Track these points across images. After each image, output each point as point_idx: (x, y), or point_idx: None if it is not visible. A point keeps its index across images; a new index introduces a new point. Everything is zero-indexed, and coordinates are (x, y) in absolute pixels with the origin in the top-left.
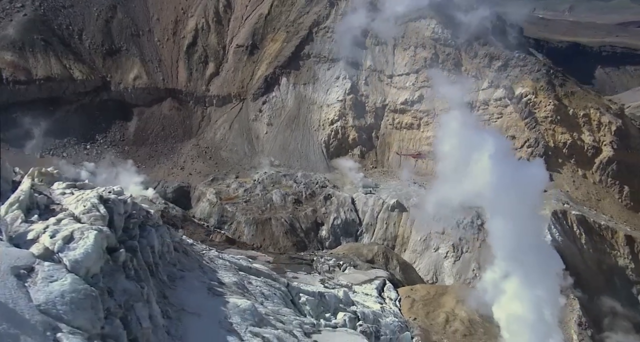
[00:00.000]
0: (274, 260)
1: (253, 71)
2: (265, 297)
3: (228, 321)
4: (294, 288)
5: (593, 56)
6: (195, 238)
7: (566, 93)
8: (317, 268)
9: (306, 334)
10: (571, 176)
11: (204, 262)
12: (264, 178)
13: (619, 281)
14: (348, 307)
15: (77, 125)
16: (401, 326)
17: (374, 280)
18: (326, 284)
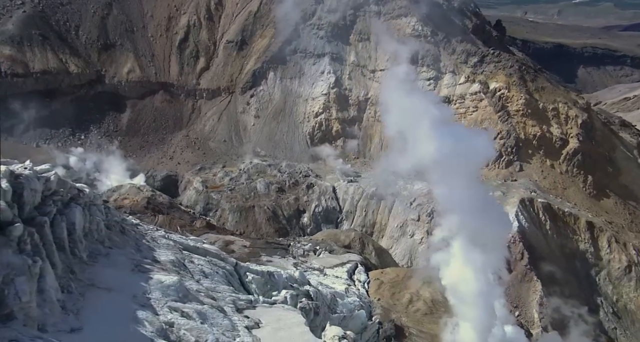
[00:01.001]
0: (250, 244)
1: (242, 66)
2: (205, 275)
3: (145, 296)
4: (242, 267)
5: (576, 56)
6: (179, 224)
7: (537, 88)
8: (293, 253)
9: (238, 309)
10: (540, 166)
11: (144, 241)
12: (249, 168)
13: (579, 264)
14: (301, 286)
15: (72, 116)
16: (362, 305)
17: (346, 264)
18: (299, 267)
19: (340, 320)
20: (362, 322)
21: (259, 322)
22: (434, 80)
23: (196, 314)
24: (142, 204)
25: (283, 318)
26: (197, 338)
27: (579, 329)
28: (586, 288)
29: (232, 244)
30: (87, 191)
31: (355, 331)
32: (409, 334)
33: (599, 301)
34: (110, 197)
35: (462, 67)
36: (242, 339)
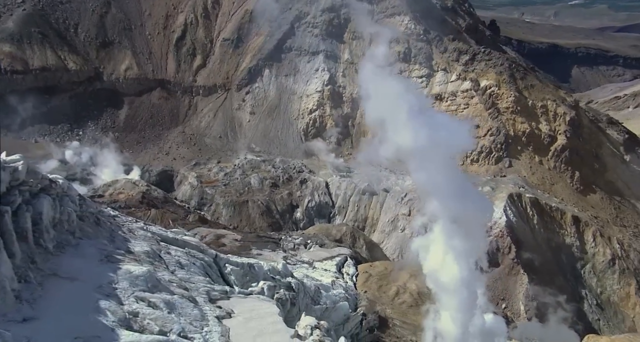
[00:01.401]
0: (242, 238)
1: (238, 63)
2: (182, 266)
3: (112, 286)
4: (222, 259)
5: (570, 57)
6: (171, 218)
7: (526, 86)
8: (283, 246)
9: (212, 300)
10: (529, 162)
11: (120, 232)
12: (244, 163)
13: (565, 257)
14: (284, 278)
15: (70, 112)
16: (347, 297)
17: (335, 257)
18: (288, 260)
19: (323, 311)
20: (345, 313)
21: (232, 312)
22: (426, 77)
23: (164, 304)
24: (137, 199)
25: (256, 308)
26: (162, 327)
27: (557, 316)
28: (572, 281)
29: (223, 238)
30: (60, 182)
31: (337, 322)
32: (393, 325)
33: (584, 293)
34: (105, 191)
35: (453, 65)
36: (211, 328)
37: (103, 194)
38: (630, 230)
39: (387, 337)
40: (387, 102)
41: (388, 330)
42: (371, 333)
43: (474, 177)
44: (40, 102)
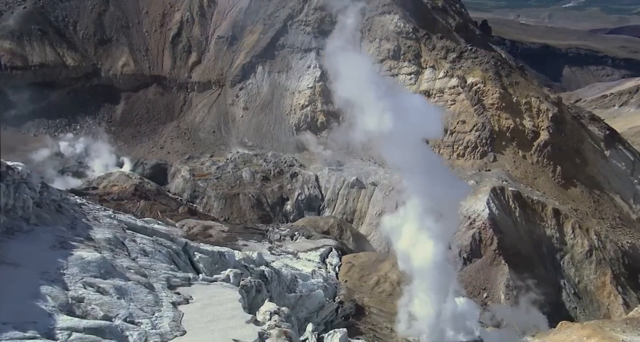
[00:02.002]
0: (229, 229)
1: (232, 60)
2: (146, 254)
3: (59, 272)
4: (192, 247)
5: (561, 57)
6: (160, 209)
7: (511, 83)
8: (270, 237)
9: (171, 286)
10: (512, 157)
11: (84, 220)
12: (236, 157)
13: (545, 248)
14: (258, 267)
15: (68, 107)
16: (325, 286)
17: (320, 248)
18: (273, 251)
19: (297, 299)
20: (320, 301)
21: (190, 298)
22: (414, 75)
23: (114, 290)
24: (130, 191)
25: (217, 295)
26: (107, 313)
27: (528, 298)
28: (551, 271)
29: (211, 229)
30: (19, 169)
31: (311, 309)
32: (369, 313)
33: (562, 283)
34: (100, 184)
35: (441, 62)
36: (163, 313)
37: (97, 187)
38: (608, 222)
39: (363, 325)
40: (354, 82)
41: (364, 318)
42: (346, 320)
43: (460, 171)
44: (39, 97)
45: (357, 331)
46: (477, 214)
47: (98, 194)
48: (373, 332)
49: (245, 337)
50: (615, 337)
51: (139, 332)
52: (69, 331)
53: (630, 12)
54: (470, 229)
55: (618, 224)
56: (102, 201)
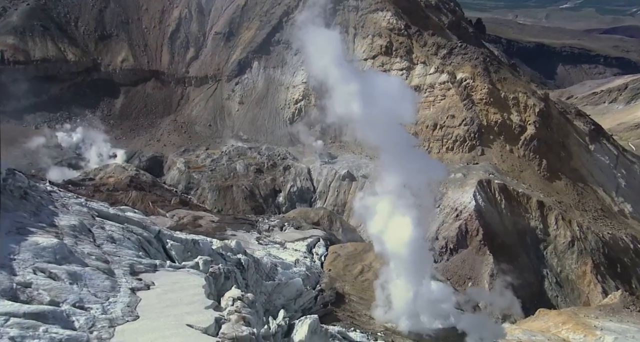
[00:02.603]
0: (219, 220)
1: (228, 56)
2: (113, 241)
3: (9, 257)
4: (165, 235)
5: (555, 55)
6: (151, 199)
7: (499, 78)
8: (259, 228)
9: (134, 272)
10: (500, 151)
11: (50, 207)
12: (230, 150)
13: (529, 239)
14: (235, 255)
15: (69, 101)
16: (308, 275)
17: (307, 238)
18: (261, 241)
19: (275, 286)
20: (298, 289)
21: (152, 284)
22: (406, 70)
23: (67, 275)
24: (125, 182)
25: (181, 281)
26: (55, 298)
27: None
28: (534, 260)
29: (201, 219)
30: None
31: (289, 296)
32: (349, 300)
33: (545, 272)
34: (96, 175)
35: (432, 58)
36: (118, 299)
37: (94, 178)
38: (590, 214)
39: (342, 312)
40: (322, 58)
41: (343, 305)
42: (325, 308)
43: (449, 164)
44: (41, 91)
45: (335, 318)
46: (464, 206)
47: (94, 185)
48: (351, 319)
49: (200, 322)
50: (588, 323)
51: (86, 317)
52: (7, 316)
53: (624, 13)
54: (456, 220)
55: (600, 215)
56: (96, 191)
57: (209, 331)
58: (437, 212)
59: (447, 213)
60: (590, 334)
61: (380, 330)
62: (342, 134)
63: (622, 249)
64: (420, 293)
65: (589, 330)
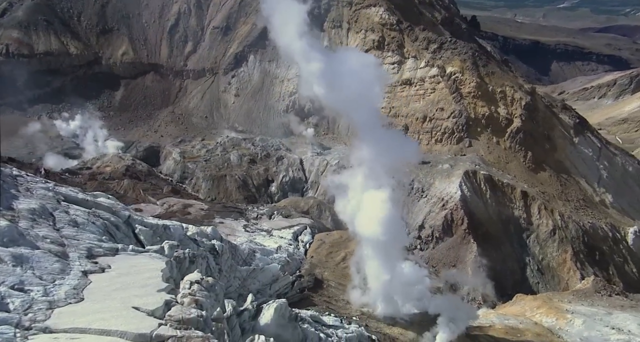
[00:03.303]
0: (208, 208)
1: (225, 49)
2: (76, 225)
3: None
4: (135, 220)
5: (549, 52)
6: (142, 188)
7: (487, 73)
8: (247, 216)
9: (91, 256)
10: (487, 143)
11: (12, 191)
12: (225, 141)
13: (513, 228)
14: (208, 240)
15: (71, 93)
16: (288, 261)
17: (294, 226)
18: (248, 228)
19: (250, 272)
20: (274, 274)
21: (108, 267)
22: (397, 64)
23: (11, 258)
24: (121, 171)
25: (140, 265)
26: None
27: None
28: (517, 249)
29: (190, 207)
30: None
31: (264, 281)
32: (328, 286)
33: (527, 260)
34: (94, 164)
35: (423, 52)
36: (65, 282)
37: (91, 167)
38: (572, 204)
39: (318, 297)
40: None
41: (321, 290)
42: (302, 293)
43: (437, 156)
44: (44, 84)
45: (311, 303)
46: (450, 196)
47: (91, 173)
48: (327, 304)
49: (148, 304)
50: (560, 307)
51: (23, 299)
52: None
53: (618, 13)
54: (443, 210)
55: (582, 205)
56: (91, 180)
57: (155, 313)
58: (425, 202)
59: (434, 203)
60: (562, 317)
61: (356, 314)
62: (336, 125)
63: (601, 238)
64: (395, 274)
65: (561, 314)
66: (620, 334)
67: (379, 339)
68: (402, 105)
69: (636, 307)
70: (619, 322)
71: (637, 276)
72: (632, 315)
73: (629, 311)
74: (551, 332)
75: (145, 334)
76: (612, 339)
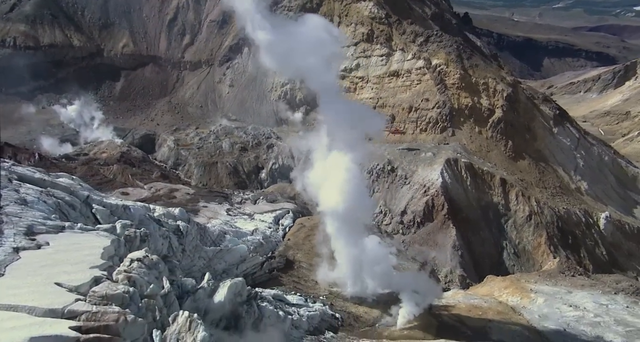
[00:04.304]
0: (194, 192)
1: (221, 42)
2: (24, 202)
3: None
4: (95, 200)
5: (541, 49)
6: (130, 173)
7: (471, 65)
8: (232, 200)
9: (31, 233)
10: (469, 132)
11: None
12: (218, 129)
13: (492, 214)
14: (174, 221)
15: (74, 83)
16: (262, 243)
17: (277, 210)
18: (230, 212)
19: (216, 252)
20: (242, 255)
21: (45, 244)
22: (385, 56)
23: None
24: (116, 157)
25: (82, 242)
26: None
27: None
28: (496, 233)
29: (177, 192)
30: None
31: (231, 261)
32: (299, 267)
33: (504, 244)
34: (91, 150)
35: (410, 45)
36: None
37: (88, 153)
38: (549, 191)
39: (287, 277)
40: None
41: (291, 271)
42: (270, 273)
43: (422, 144)
44: (49, 75)
45: (278, 283)
46: (432, 182)
47: (87, 159)
48: (295, 284)
49: (74, 281)
50: (525, 287)
51: None
52: None
53: (609, 14)
54: (424, 196)
55: (558, 192)
56: (84, 165)
57: (80, 289)
58: (407, 188)
59: (417, 189)
60: (526, 296)
61: (324, 294)
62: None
63: (574, 223)
64: (361, 249)
65: (525, 293)
66: (577, 310)
67: (343, 317)
68: (389, 96)
69: (595, 286)
70: (577, 300)
71: (606, 258)
72: (590, 293)
73: (588, 290)
74: (513, 310)
75: (57, 310)
76: (567, 316)
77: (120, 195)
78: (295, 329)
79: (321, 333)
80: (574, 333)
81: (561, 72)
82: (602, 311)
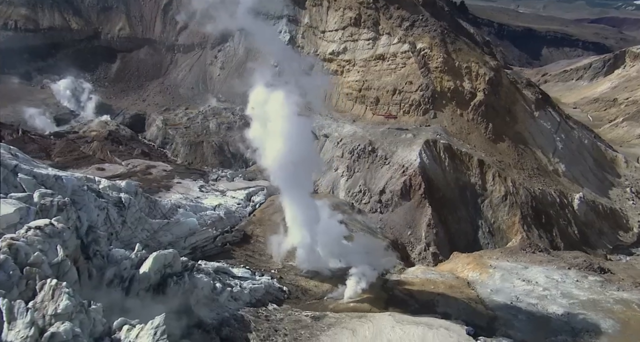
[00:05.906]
0: (171, 169)
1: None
2: None
3: None
4: (23, 170)
5: (540, 39)
6: (109, 149)
7: (455, 49)
8: (208, 178)
9: None
10: (451, 115)
11: None
12: (207, 110)
13: (469, 194)
14: (119, 194)
15: (72, 65)
16: (222, 217)
17: (250, 188)
18: (203, 188)
19: (162, 225)
20: (190, 228)
21: None
22: (372, 40)
23: None
24: (104, 135)
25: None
26: None
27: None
28: (472, 213)
29: (154, 168)
30: None
31: (178, 234)
32: (256, 241)
33: (480, 223)
34: (81, 129)
35: (396, 30)
36: None
37: (77, 131)
38: (526, 172)
39: (241, 251)
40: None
41: (247, 245)
42: (222, 246)
43: (404, 125)
44: (48, 56)
45: (229, 256)
46: (410, 163)
47: (77, 137)
48: (248, 258)
49: None
50: (486, 263)
51: None
52: None
53: (611, 6)
54: (402, 176)
55: (535, 173)
56: (67, 141)
57: None
58: (387, 168)
59: (396, 169)
60: (485, 272)
61: (277, 268)
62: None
63: (549, 203)
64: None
65: (484, 269)
66: (528, 285)
67: (291, 290)
68: (375, 79)
69: (552, 262)
70: (530, 275)
71: (577, 237)
72: (545, 268)
73: (544, 265)
74: (468, 284)
75: None
76: (518, 289)
77: (95, 171)
78: (235, 301)
79: (264, 305)
80: (520, 306)
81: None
82: (551, 285)
